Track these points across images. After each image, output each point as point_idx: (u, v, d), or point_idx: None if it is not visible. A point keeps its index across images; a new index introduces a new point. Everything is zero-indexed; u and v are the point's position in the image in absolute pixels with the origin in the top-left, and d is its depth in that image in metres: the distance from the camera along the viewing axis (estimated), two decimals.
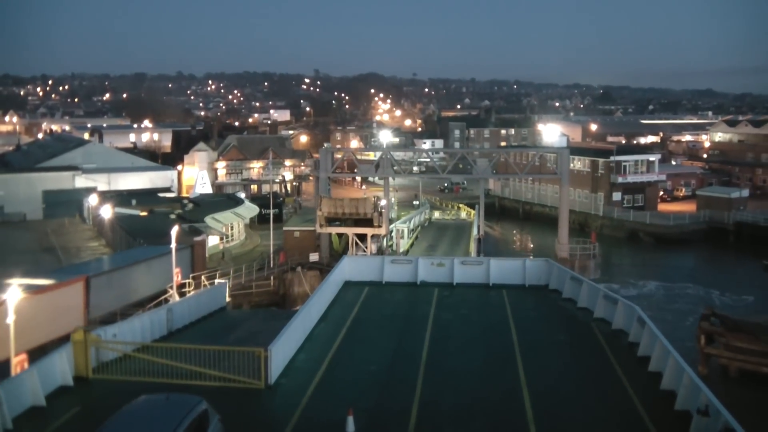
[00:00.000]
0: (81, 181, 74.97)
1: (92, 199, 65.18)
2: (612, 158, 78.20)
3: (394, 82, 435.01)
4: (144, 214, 59.11)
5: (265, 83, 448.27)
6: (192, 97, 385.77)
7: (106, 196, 65.63)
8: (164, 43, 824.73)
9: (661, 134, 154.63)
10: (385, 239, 51.62)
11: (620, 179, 77.75)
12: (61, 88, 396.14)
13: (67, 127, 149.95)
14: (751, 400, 30.46)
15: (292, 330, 19.49)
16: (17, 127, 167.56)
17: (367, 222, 46.38)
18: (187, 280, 39.12)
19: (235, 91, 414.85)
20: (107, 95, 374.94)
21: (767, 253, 60.84)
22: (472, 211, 70.82)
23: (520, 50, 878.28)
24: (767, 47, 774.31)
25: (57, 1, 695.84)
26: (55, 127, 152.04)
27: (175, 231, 38.06)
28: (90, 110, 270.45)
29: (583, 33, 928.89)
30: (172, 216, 57.11)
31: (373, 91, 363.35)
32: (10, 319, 22.43)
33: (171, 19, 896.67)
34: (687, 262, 65.33)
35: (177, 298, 37.16)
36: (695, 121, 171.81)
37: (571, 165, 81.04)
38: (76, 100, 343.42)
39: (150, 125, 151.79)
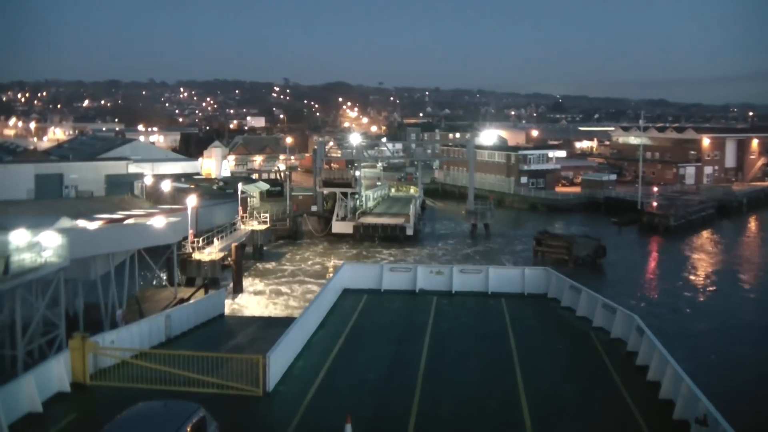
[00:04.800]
0: (132, 168, 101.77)
1: (147, 180, 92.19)
2: (520, 152, 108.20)
3: (361, 90, 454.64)
4: (192, 186, 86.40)
5: (236, 91, 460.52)
6: (167, 104, 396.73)
7: (158, 177, 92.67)
8: (133, 49, 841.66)
9: (595, 139, 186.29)
10: (357, 200, 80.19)
11: (526, 167, 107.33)
12: (39, 94, 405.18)
13: (72, 130, 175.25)
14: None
15: (291, 337, 19.57)
16: (32, 130, 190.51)
17: (348, 185, 74.85)
18: (245, 215, 67.10)
19: (208, 99, 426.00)
20: (86, 102, 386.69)
21: (621, 216, 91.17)
22: (417, 189, 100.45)
23: (485, 60, 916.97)
24: (724, 58, 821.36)
25: (25, 7, 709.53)
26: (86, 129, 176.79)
27: (239, 186, 66.44)
28: (77, 116, 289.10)
29: (548, 44, 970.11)
30: (214, 187, 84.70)
31: (341, 99, 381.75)
32: (190, 211, 50.87)
33: (139, 26, 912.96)
34: (566, 221, 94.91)
35: (242, 225, 65.18)
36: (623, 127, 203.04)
37: (492, 157, 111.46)
38: (59, 106, 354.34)
39: (155, 129, 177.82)
